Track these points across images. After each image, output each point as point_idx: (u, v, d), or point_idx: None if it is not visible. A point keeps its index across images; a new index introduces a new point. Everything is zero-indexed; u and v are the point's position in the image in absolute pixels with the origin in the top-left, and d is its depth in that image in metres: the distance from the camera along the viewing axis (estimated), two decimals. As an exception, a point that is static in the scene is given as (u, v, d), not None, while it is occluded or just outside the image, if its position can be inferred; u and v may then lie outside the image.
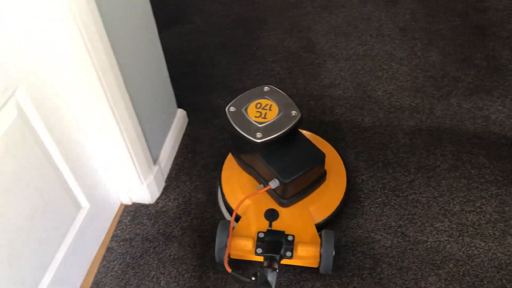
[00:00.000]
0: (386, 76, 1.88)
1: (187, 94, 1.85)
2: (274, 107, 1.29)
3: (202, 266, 1.36)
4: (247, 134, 1.24)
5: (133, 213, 1.50)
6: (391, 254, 1.35)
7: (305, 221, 1.31)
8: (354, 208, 1.46)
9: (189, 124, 1.77)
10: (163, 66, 1.54)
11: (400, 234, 1.39)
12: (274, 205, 1.34)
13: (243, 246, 1.25)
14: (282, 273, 1.33)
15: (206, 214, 1.48)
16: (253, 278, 1.16)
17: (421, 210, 1.44)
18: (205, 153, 1.66)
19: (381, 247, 1.37)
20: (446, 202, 1.46)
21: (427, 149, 1.61)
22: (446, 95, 1.79)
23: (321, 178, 1.37)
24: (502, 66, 1.87)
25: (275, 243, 1.24)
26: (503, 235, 1.37)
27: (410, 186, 1.50)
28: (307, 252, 1.24)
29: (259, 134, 1.23)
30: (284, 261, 1.25)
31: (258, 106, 1.30)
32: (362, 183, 1.52)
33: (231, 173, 1.45)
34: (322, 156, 1.32)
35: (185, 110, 1.75)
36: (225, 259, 1.20)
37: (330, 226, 1.38)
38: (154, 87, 1.49)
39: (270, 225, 1.30)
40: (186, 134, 1.73)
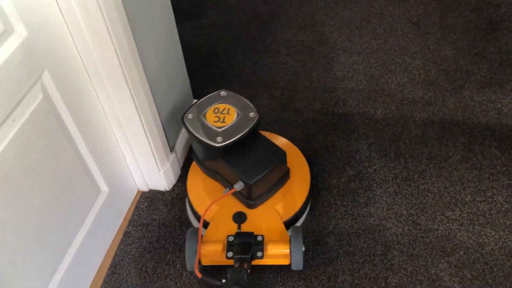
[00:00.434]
0: (399, 69, 1.90)
1: (203, 86, 1.89)
2: (232, 111, 1.31)
3: (217, 250, 1.40)
4: (208, 140, 1.26)
5: (150, 199, 1.55)
6: (402, 242, 1.37)
7: (273, 220, 1.32)
8: (366, 197, 1.49)
9: (204, 115, 1.80)
10: (181, 58, 1.58)
11: (411, 222, 1.42)
12: (242, 207, 1.35)
13: (214, 252, 1.25)
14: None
15: (220, 201, 1.52)
16: (223, 281, 1.15)
17: (432, 199, 1.46)
18: (220, 143, 1.70)
19: (392, 235, 1.39)
20: (458, 192, 1.48)
21: (439, 140, 1.63)
22: (459, 88, 1.80)
23: (285, 176, 1.38)
24: (515, 60, 1.88)
25: (245, 245, 1.23)
26: (514, 224, 1.39)
27: (421, 176, 1.53)
28: (277, 250, 1.25)
29: (220, 138, 1.25)
30: (257, 261, 1.25)
31: (216, 111, 1.32)
32: (374, 173, 1.55)
33: (196, 181, 1.45)
34: (283, 154, 1.33)
35: (200, 101, 1.78)
36: (195, 265, 1.20)
37: (335, 219, 1.40)
38: (172, 78, 1.53)
39: (239, 227, 1.30)
40: (202, 125, 1.77)
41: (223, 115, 1.31)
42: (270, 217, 1.33)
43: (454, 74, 1.86)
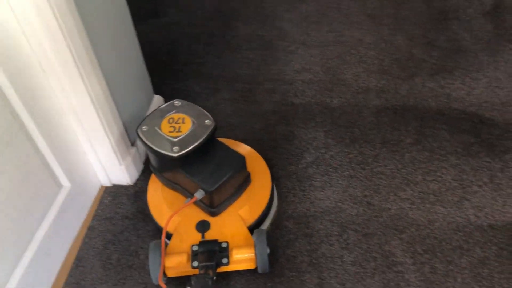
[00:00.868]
0: (354, 60, 1.97)
1: (165, 81, 1.93)
2: (187, 120, 1.31)
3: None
4: (164, 150, 1.25)
5: (113, 193, 1.57)
6: (357, 222, 1.44)
7: (236, 225, 1.33)
8: (323, 181, 1.54)
9: (166, 110, 1.84)
10: (139, 54, 1.61)
11: (365, 203, 1.48)
12: (205, 216, 1.36)
13: (179, 263, 1.25)
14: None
15: (183, 192, 1.56)
16: None
17: (385, 181, 1.53)
18: (182, 136, 1.73)
19: (347, 216, 1.45)
20: (409, 173, 1.55)
21: (392, 125, 1.70)
22: (411, 76, 1.88)
23: (245, 181, 1.39)
24: (463, 48, 1.97)
25: (209, 252, 1.24)
26: (461, 201, 1.46)
27: (375, 160, 1.59)
28: (242, 255, 1.26)
29: (176, 148, 1.24)
30: (223, 268, 1.26)
31: (171, 121, 1.31)
32: (330, 158, 1.61)
33: (156, 193, 1.45)
34: (242, 159, 1.34)
35: (163, 96, 1.82)
36: (159, 277, 1.20)
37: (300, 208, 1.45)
38: (130, 73, 1.56)
39: (203, 236, 1.30)
40: (164, 120, 1.80)
41: (178, 125, 1.30)
42: (234, 222, 1.33)
43: (406, 62, 1.94)
